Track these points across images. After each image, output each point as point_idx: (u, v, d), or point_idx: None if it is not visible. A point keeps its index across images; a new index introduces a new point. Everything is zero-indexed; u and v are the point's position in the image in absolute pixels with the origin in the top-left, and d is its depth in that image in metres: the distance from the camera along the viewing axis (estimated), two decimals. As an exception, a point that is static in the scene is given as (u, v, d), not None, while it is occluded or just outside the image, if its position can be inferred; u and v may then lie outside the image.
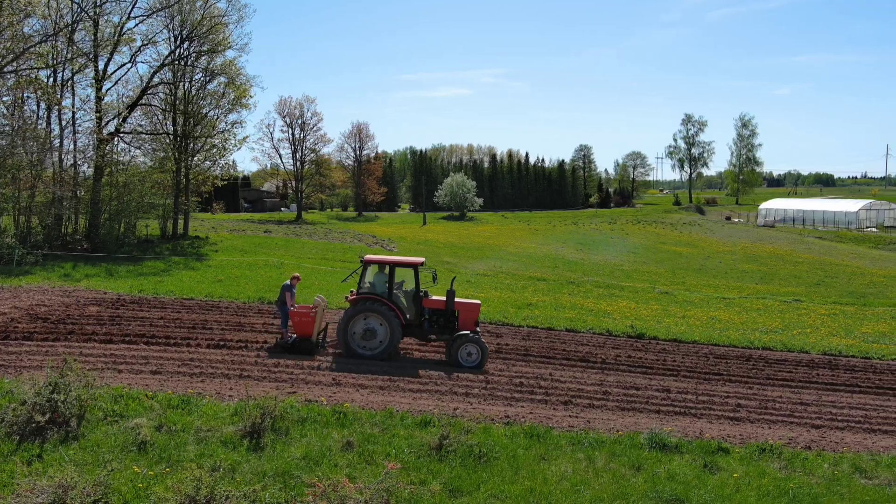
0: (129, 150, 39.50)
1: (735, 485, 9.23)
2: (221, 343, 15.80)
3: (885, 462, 10.64)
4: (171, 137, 40.75)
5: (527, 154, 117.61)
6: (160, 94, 40.46)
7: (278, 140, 76.22)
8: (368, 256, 16.73)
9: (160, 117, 40.59)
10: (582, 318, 25.37)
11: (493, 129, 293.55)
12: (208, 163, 44.06)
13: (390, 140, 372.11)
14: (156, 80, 38.97)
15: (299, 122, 75.15)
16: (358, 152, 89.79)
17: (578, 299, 32.56)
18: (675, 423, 12.43)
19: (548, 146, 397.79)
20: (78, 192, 35.51)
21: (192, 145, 41.67)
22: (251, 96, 42.58)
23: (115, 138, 37.80)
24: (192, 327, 17.51)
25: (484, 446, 9.62)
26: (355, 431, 9.92)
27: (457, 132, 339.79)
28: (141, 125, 39.58)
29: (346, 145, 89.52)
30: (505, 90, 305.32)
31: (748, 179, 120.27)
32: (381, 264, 16.33)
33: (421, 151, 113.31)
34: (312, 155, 77.38)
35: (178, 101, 40.68)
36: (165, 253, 36.45)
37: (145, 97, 39.33)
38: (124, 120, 37.61)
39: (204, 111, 41.80)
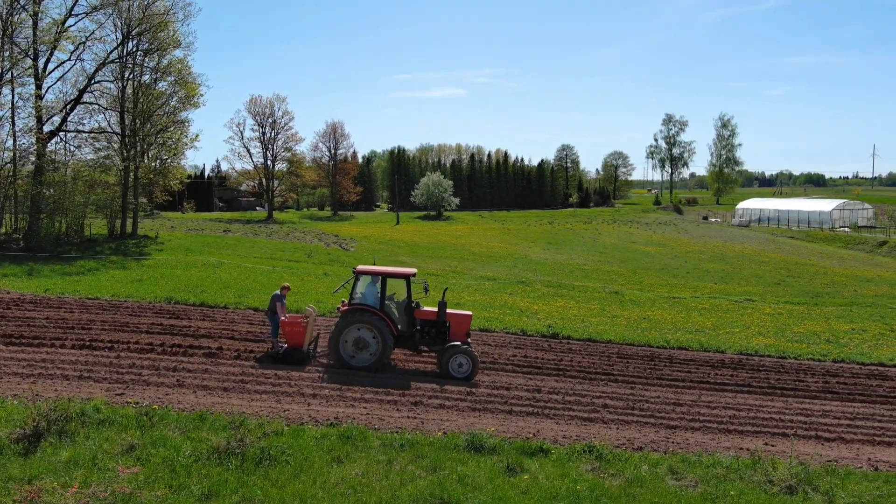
0: (72, 149, 39.19)
1: (525, 487, 9.00)
2: (89, 344, 15.49)
3: (706, 462, 10.41)
4: (118, 136, 40.39)
5: (506, 153, 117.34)
6: (107, 93, 40.09)
7: (248, 139, 75.95)
8: (360, 267, 16.53)
9: (106, 115, 40.21)
10: (503, 317, 25.09)
11: (486, 130, 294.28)
12: (158, 161, 43.69)
13: (385, 140, 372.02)
14: (99, 77, 38.65)
15: (270, 120, 74.90)
16: (333, 151, 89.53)
17: (517, 299, 32.26)
18: (517, 424, 12.19)
19: (543, 146, 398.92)
20: (15, 192, 35.12)
21: (139, 144, 41.30)
22: (201, 94, 42.37)
23: (57, 136, 37.45)
24: (71, 328, 17.20)
25: (277, 449, 9.37)
26: (149, 434, 9.65)
27: (451, 132, 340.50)
28: (84, 123, 39.26)
29: (320, 144, 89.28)
30: (499, 90, 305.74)
31: (729, 179, 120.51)
32: (373, 275, 16.11)
33: (400, 150, 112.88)
34: (287, 153, 77.10)
35: (126, 100, 40.33)
36: (107, 252, 36.09)
37: (92, 96, 38.99)
38: (65, 119, 37.24)
39: (152, 109, 41.44)
